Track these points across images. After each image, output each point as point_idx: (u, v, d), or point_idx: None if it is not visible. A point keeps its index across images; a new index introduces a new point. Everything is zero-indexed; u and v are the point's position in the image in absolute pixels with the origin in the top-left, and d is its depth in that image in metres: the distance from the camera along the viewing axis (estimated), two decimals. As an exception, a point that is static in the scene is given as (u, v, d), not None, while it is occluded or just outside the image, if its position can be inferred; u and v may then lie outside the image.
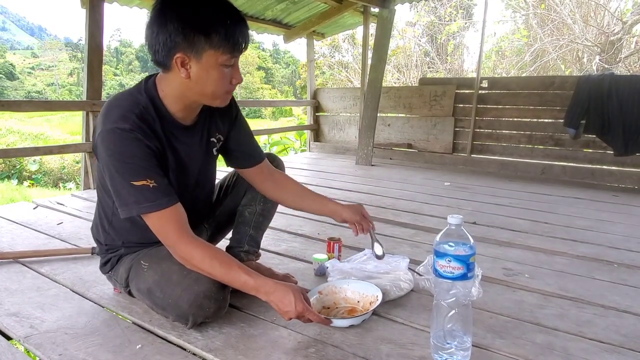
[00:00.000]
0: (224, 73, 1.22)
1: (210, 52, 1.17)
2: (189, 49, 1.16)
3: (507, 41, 12.07)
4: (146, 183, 1.18)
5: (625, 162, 4.05)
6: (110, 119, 1.19)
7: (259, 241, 1.69)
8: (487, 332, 1.36)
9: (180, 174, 1.37)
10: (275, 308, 1.22)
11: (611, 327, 1.42)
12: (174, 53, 1.17)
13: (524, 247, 2.22)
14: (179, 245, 1.21)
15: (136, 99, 1.25)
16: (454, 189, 3.64)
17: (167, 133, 1.29)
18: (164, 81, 1.27)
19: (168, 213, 1.20)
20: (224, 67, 1.20)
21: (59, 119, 22.92)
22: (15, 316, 1.40)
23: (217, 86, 1.23)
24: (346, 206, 1.56)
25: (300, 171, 4.40)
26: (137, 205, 1.18)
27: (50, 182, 9.39)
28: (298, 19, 5.40)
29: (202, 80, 1.21)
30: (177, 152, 1.34)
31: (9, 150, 3.84)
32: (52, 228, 2.35)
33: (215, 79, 1.21)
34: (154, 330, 1.32)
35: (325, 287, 1.51)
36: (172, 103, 1.28)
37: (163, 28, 1.15)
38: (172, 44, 1.16)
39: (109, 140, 1.17)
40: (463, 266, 1.13)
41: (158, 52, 1.18)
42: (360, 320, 1.38)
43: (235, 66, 1.24)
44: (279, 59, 52.44)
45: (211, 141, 1.45)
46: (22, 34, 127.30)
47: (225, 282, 1.24)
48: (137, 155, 1.18)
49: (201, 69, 1.19)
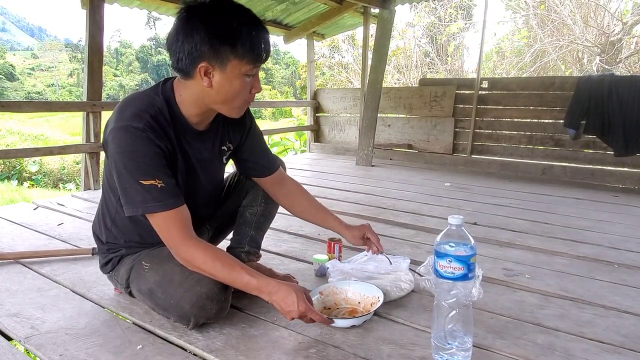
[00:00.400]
0: (245, 83, 1.23)
1: (235, 62, 1.18)
2: (214, 59, 1.17)
3: (508, 42, 12.07)
4: (154, 183, 1.18)
5: (626, 163, 4.04)
6: (124, 116, 1.20)
7: (259, 242, 1.69)
8: (488, 333, 1.36)
9: (189, 178, 1.38)
10: (277, 308, 1.22)
11: (612, 327, 1.42)
12: (199, 62, 1.18)
13: (524, 247, 2.22)
14: (182, 247, 1.22)
15: (152, 100, 1.26)
16: (454, 190, 3.64)
17: (179, 136, 1.30)
18: (182, 86, 1.28)
19: (173, 214, 1.21)
20: (246, 76, 1.22)
21: (59, 120, 22.89)
22: (15, 317, 1.40)
23: (237, 96, 1.25)
24: (351, 228, 1.61)
25: (300, 172, 4.40)
26: (143, 204, 1.19)
27: (50, 183, 9.39)
28: (298, 19, 5.40)
29: (224, 90, 1.22)
30: (187, 156, 1.34)
31: (9, 151, 3.84)
32: (53, 229, 2.35)
33: (237, 89, 1.23)
34: (155, 331, 1.32)
35: (326, 287, 1.51)
36: (188, 108, 1.29)
37: (189, 37, 1.16)
38: (197, 53, 1.16)
39: (121, 138, 1.18)
40: (464, 266, 1.13)
41: (181, 61, 1.19)
42: (361, 320, 1.38)
43: (256, 76, 1.26)
44: (279, 59, 52.43)
45: (222, 149, 1.46)
46: (22, 34, 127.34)
47: (228, 282, 1.24)
48: (147, 155, 1.18)
49: (224, 79, 1.20)
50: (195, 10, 1.18)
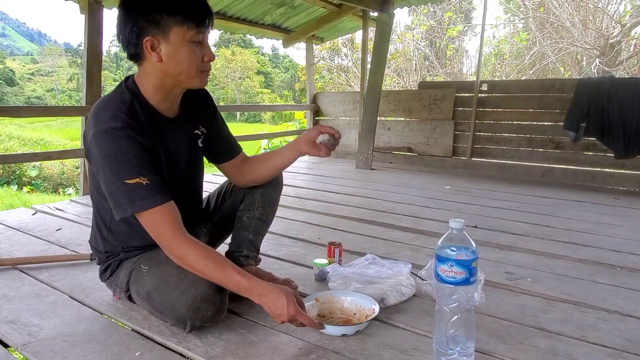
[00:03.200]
0: (194, 50, 1.24)
1: (177, 29, 1.20)
2: (156, 30, 1.20)
3: (507, 44, 12.09)
4: (139, 181, 1.18)
5: (626, 165, 4.04)
6: (101, 120, 1.21)
7: (258, 246, 1.68)
8: (490, 337, 1.35)
9: (170, 168, 1.37)
10: (267, 311, 1.22)
11: (615, 331, 1.41)
12: (143, 38, 1.20)
13: (525, 250, 2.21)
14: (173, 244, 1.21)
15: (121, 98, 1.27)
16: (455, 193, 3.63)
17: (154, 128, 1.31)
18: (141, 75, 1.30)
19: (161, 210, 1.20)
20: (193, 43, 1.23)
21: (59, 125, 22.93)
22: (13, 323, 1.38)
23: (189, 63, 1.25)
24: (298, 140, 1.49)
25: (299, 175, 4.39)
26: (131, 205, 1.18)
27: (50, 188, 9.38)
28: (297, 23, 5.41)
29: (174, 60, 1.23)
30: (166, 146, 1.35)
31: (7, 156, 3.83)
32: (51, 234, 2.34)
33: (186, 56, 1.24)
34: (154, 337, 1.31)
35: (323, 295, 1.49)
36: (153, 95, 1.31)
37: (129, 17, 1.20)
38: (138, 30, 1.20)
39: (102, 141, 1.19)
40: (465, 271, 1.12)
41: (130, 44, 1.23)
42: (354, 330, 1.34)
43: (204, 43, 1.27)
44: (278, 63, 52.54)
45: (195, 133, 1.47)
46: (22, 39, 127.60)
47: (220, 282, 1.24)
48: (130, 153, 1.19)
49: (171, 48, 1.22)
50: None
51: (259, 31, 5.27)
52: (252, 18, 4.98)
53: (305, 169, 4.89)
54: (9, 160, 4.96)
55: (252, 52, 40.73)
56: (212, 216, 1.69)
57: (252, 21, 5.05)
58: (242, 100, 34.34)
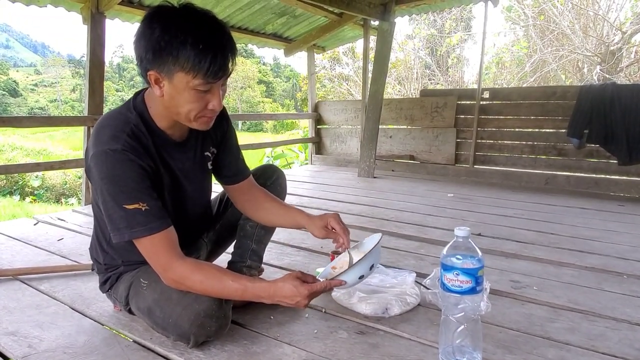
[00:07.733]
0: (198, 96, 1.14)
1: (181, 75, 1.10)
2: (160, 68, 1.11)
3: (507, 52, 12.12)
4: (138, 206, 1.15)
5: (630, 172, 4.02)
6: (101, 140, 1.16)
7: (261, 255, 1.66)
8: (497, 347, 1.32)
9: (176, 192, 1.34)
10: (285, 305, 1.20)
11: (624, 340, 1.38)
12: (148, 70, 1.13)
13: (530, 258, 2.19)
14: (169, 270, 1.19)
15: (126, 118, 1.22)
16: (458, 200, 3.61)
17: (159, 150, 1.26)
18: (150, 97, 1.24)
19: (159, 237, 1.18)
20: (198, 90, 1.13)
21: (62, 135, 23.05)
22: (13, 335, 1.37)
23: (189, 109, 1.16)
24: (313, 219, 1.44)
25: (302, 184, 4.38)
26: (129, 230, 1.16)
27: (52, 198, 9.40)
28: (298, 32, 5.43)
29: (174, 101, 1.15)
30: (171, 170, 1.31)
31: (10, 167, 3.82)
32: (53, 244, 2.33)
33: (187, 101, 1.14)
34: (155, 349, 1.29)
35: (338, 262, 1.46)
36: (160, 119, 1.25)
37: (141, 43, 1.12)
38: (146, 60, 1.12)
39: (102, 163, 1.15)
40: (471, 280, 1.10)
41: (139, 65, 1.15)
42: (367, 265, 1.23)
43: (213, 91, 1.16)
44: (279, 72, 52.81)
45: (205, 155, 1.42)
46: (26, 51, 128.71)
47: (224, 296, 1.22)
48: (129, 177, 1.15)
49: (173, 90, 1.13)
50: (154, 14, 1.11)
51: (260, 41, 5.29)
52: (253, 28, 5.01)
53: (307, 177, 4.88)
54: (11, 171, 4.96)
55: (253, 61, 40.98)
56: (214, 224, 1.67)
57: (254, 31, 5.07)
58: (243, 110, 34.49)
